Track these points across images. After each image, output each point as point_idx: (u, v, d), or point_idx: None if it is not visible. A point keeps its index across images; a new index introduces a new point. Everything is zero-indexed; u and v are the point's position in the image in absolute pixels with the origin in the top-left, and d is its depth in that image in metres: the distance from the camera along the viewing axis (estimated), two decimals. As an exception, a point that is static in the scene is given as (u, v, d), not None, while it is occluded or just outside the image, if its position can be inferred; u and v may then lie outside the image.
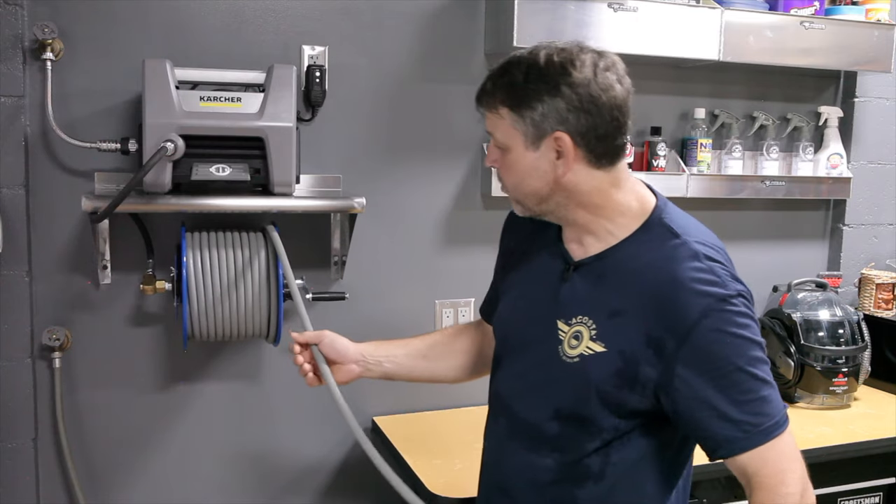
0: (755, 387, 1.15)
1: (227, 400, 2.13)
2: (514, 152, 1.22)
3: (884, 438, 2.12)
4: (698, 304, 1.15)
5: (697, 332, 1.14)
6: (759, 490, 1.14)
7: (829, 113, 2.60)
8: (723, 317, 1.15)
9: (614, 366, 1.20)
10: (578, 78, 1.16)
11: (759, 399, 1.15)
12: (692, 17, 2.23)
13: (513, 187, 1.27)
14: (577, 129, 1.18)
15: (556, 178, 1.21)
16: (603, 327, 1.22)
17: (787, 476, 1.14)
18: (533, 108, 1.18)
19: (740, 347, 1.15)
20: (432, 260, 2.27)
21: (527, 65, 1.19)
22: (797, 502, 1.14)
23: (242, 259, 1.87)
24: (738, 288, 1.19)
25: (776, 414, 1.16)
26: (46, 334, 1.95)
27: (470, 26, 2.21)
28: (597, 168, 1.22)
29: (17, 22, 1.85)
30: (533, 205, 1.27)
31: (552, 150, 1.20)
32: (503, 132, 1.23)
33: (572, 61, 1.17)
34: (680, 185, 2.37)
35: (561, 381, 1.26)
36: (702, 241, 1.23)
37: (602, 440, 1.24)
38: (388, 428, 2.15)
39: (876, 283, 2.66)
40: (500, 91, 1.21)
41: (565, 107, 1.16)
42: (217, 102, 1.80)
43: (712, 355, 1.15)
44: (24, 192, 1.90)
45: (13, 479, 1.96)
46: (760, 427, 1.15)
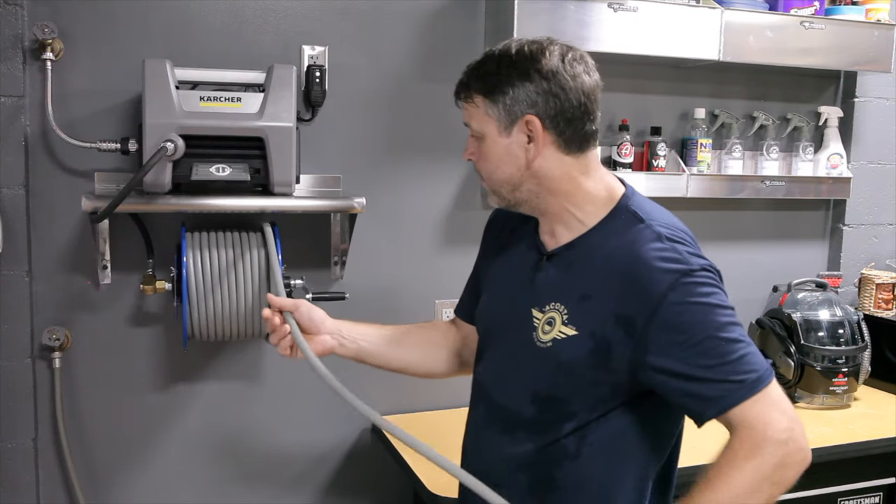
0: (730, 349, 1.17)
1: (227, 400, 2.13)
2: (488, 139, 1.28)
3: (884, 438, 2.12)
4: (663, 280, 1.18)
5: (664, 306, 1.17)
6: (741, 438, 1.15)
7: (829, 113, 2.60)
8: (687, 289, 1.17)
9: (586, 347, 1.23)
10: (547, 65, 1.23)
11: (736, 360, 1.17)
12: (692, 17, 2.23)
13: (488, 176, 1.32)
14: (546, 112, 1.24)
15: (528, 162, 1.26)
16: (574, 311, 1.25)
17: (773, 425, 1.14)
18: (505, 92, 1.24)
19: (708, 315, 1.18)
20: (432, 260, 2.27)
21: (499, 55, 1.27)
22: (777, 448, 1.13)
23: (242, 259, 1.87)
24: (700, 262, 1.21)
25: (758, 369, 1.17)
26: (46, 334, 1.95)
27: (470, 26, 2.21)
28: (566, 154, 1.27)
29: (17, 22, 1.85)
30: (507, 192, 1.31)
31: (523, 133, 1.25)
32: (478, 120, 1.28)
33: (542, 51, 1.24)
34: (680, 185, 2.37)
35: (536, 366, 1.29)
36: (665, 224, 1.26)
37: (578, 421, 1.27)
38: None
39: (876, 283, 2.66)
40: (474, 81, 1.28)
41: (534, 90, 1.23)
42: (217, 102, 1.80)
43: (682, 326, 1.17)
44: (24, 192, 1.90)
45: (13, 479, 1.96)
46: (745, 383, 1.16)
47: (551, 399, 1.29)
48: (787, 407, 1.18)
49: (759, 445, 1.14)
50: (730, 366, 1.16)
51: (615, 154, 2.35)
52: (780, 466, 1.13)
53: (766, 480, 1.13)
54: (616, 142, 2.35)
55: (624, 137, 2.34)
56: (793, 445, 1.14)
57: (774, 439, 1.14)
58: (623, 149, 2.34)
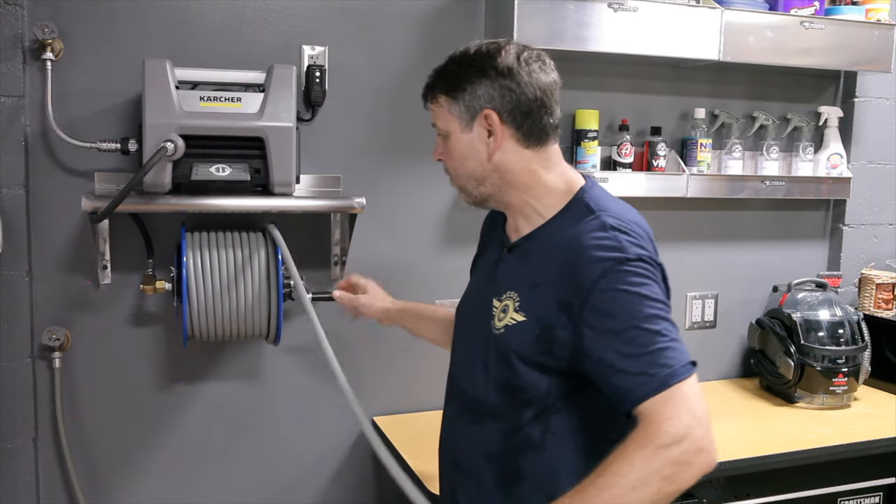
0: (651, 340, 1.18)
1: (227, 400, 2.13)
2: (452, 136, 1.35)
3: (884, 438, 2.13)
4: (597, 267, 1.21)
5: (595, 292, 1.20)
6: (639, 430, 1.14)
7: (829, 113, 2.60)
8: (618, 277, 1.20)
9: (533, 333, 1.28)
10: (503, 62, 1.30)
11: (655, 351, 1.17)
12: (692, 17, 2.23)
13: (454, 173, 1.39)
14: (503, 105, 1.30)
15: (489, 155, 1.32)
16: (525, 299, 1.30)
17: (673, 420, 1.13)
18: (464, 89, 1.31)
19: (635, 304, 1.19)
20: (432, 260, 2.27)
21: (459, 55, 1.35)
22: (672, 443, 1.11)
23: (242, 259, 1.87)
24: (638, 252, 1.23)
25: (673, 364, 1.16)
26: (46, 334, 1.95)
27: (470, 26, 2.21)
28: (525, 147, 1.33)
29: (17, 22, 1.85)
30: (473, 188, 1.38)
31: (484, 128, 1.32)
32: (442, 119, 1.36)
33: (499, 49, 1.31)
34: (680, 185, 2.37)
35: (493, 353, 1.35)
36: (615, 215, 1.29)
37: (537, 407, 1.30)
38: (388, 428, 2.15)
39: (876, 283, 2.66)
40: (438, 82, 1.36)
41: (491, 85, 1.30)
42: (217, 102, 1.80)
43: (609, 313, 1.20)
44: (24, 192, 1.90)
45: (13, 479, 1.96)
46: (657, 377, 1.15)
47: (508, 385, 1.33)
48: (696, 406, 1.15)
49: (652, 438, 1.12)
50: (647, 357, 1.17)
51: (615, 154, 2.35)
52: (674, 463, 1.11)
53: (655, 474, 1.11)
54: (616, 142, 2.35)
55: (624, 137, 2.34)
56: (689, 444, 1.11)
57: (670, 434, 1.11)
58: (623, 149, 2.34)
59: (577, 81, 2.36)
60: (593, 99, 2.37)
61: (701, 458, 1.12)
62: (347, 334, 2.21)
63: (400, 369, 2.27)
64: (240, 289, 1.86)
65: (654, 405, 1.15)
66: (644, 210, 2.58)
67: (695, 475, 1.12)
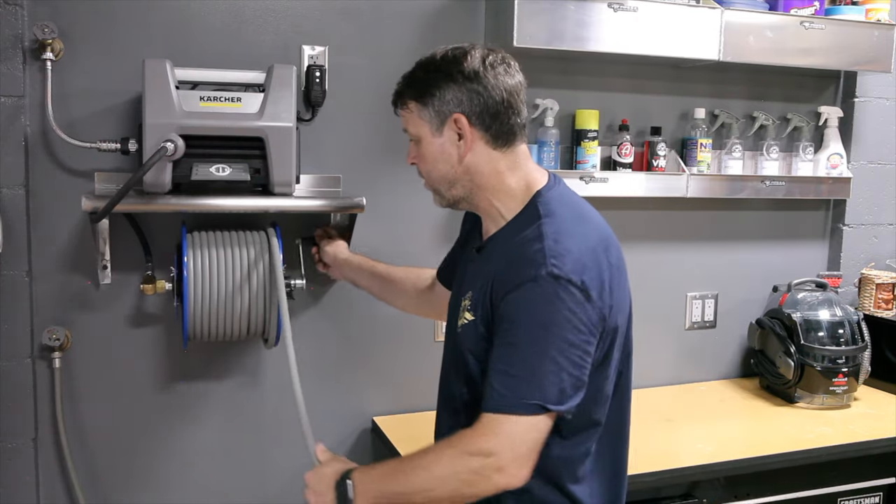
0: (522, 361, 1.23)
1: (228, 400, 2.13)
2: (424, 141, 1.40)
3: (884, 438, 2.13)
4: (515, 278, 1.26)
5: (506, 301, 1.26)
6: (461, 432, 1.26)
7: (829, 113, 2.60)
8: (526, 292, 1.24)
9: (478, 331, 1.34)
10: (469, 66, 1.33)
11: (519, 375, 1.22)
12: (692, 17, 2.23)
13: (427, 176, 1.43)
14: (472, 109, 1.34)
15: (460, 157, 1.36)
16: (474, 300, 1.36)
17: (488, 438, 1.22)
18: (433, 94, 1.35)
19: (526, 325, 1.23)
20: (432, 260, 2.26)
21: (426, 62, 1.39)
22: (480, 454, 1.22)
23: (242, 259, 1.87)
24: (556, 273, 1.23)
25: (524, 395, 1.21)
26: (46, 334, 1.95)
27: (470, 26, 2.21)
28: (494, 148, 1.36)
29: (17, 22, 1.85)
30: (445, 190, 1.42)
31: (454, 131, 1.36)
32: (413, 124, 1.40)
33: (464, 54, 1.35)
34: (680, 185, 2.37)
35: (457, 350, 1.41)
36: (556, 226, 1.30)
37: None
38: (388, 428, 2.15)
39: (876, 283, 2.66)
40: (406, 88, 1.40)
41: (459, 90, 1.34)
42: (217, 102, 1.80)
43: (506, 323, 1.25)
44: (24, 192, 1.90)
45: (13, 479, 1.96)
46: (501, 398, 1.23)
47: (470, 379, 1.38)
48: (517, 440, 1.22)
49: (466, 443, 1.24)
50: (507, 378, 1.23)
51: (615, 154, 2.35)
52: (474, 472, 1.22)
53: (455, 476, 1.24)
54: (616, 142, 2.35)
55: (624, 137, 2.34)
56: (493, 462, 1.21)
57: (481, 448, 1.22)
58: (623, 149, 2.34)
59: (577, 81, 2.36)
60: (593, 99, 2.37)
61: (498, 477, 1.22)
62: (348, 335, 2.21)
63: (400, 369, 2.27)
64: (240, 289, 1.86)
65: (486, 418, 1.24)
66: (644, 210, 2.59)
67: (489, 489, 1.23)
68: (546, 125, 2.27)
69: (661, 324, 2.55)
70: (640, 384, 2.46)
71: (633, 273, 1.51)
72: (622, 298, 1.35)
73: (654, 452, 1.98)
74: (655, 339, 2.53)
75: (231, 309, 1.86)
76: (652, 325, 2.51)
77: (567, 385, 1.22)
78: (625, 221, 2.39)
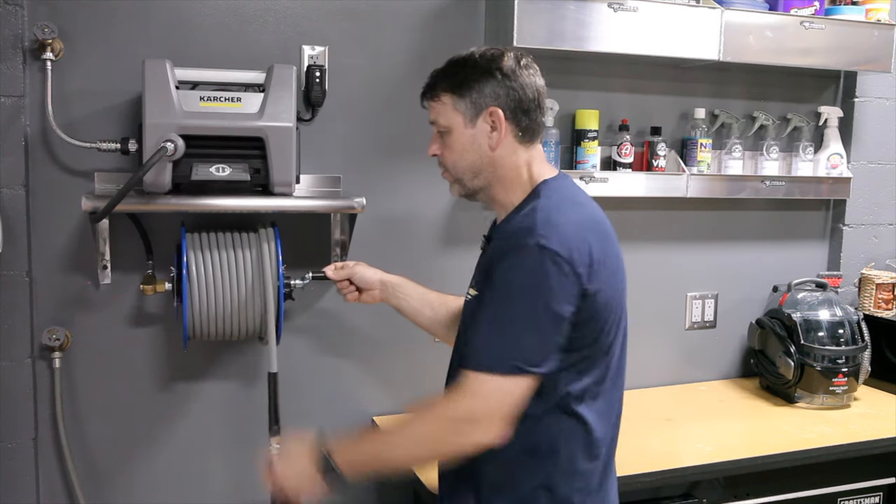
0: (506, 324, 1.29)
1: (227, 400, 2.13)
2: (454, 132, 1.44)
3: (884, 438, 2.13)
4: (506, 246, 1.32)
5: (494, 264, 1.32)
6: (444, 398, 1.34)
7: (829, 113, 2.60)
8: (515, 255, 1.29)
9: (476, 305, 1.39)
10: (506, 65, 1.42)
11: (502, 336, 1.29)
12: (692, 17, 2.23)
13: (453, 165, 1.47)
14: (508, 103, 1.41)
15: (490, 148, 1.42)
16: (478, 277, 1.44)
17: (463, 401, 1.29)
18: (471, 88, 1.41)
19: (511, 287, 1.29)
20: (432, 260, 2.27)
21: (463, 59, 1.45)
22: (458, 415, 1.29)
23: (242, 259, 1.87)
24: (541, 244, 1.28)
25: (505, 356, 1.28)
26: (46, 334, 1.95)
27: (470, 26, 2.21)
28: (520, 143, 1.44)
29: (17, 22, 1.85)
30: (468, 180, 1.46)
31: (487, 123, 1.42)
32: (445, 116, 1.44)
33: (501, 55, 1.43)
34: (680, 185, 2.37)
35: (461, 331, 1.49)
36: (553, 204, 1.37)
37: None
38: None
39: (876, 283, 2.66)
40: (441, 82, 1.45)
41: (497, 85, 1.41)
42: (217, 102, 1.80)
43: (491, 284, 1.31)
44: (24, 192, 1.90)
45: (13, 479, 1.96)
46: (478, 357, 1.29)
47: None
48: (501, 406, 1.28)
49: (448, 404, 1.31)
50: (492, 338, 1.29)
51: (615, 154, 2.35)
52: (455, 432, 1.29)
53: (436, 435, 1.32)
54: (616, 142, 2.35)
55: (624, 137, 2.34)
56: (475, 421, 1.28)
57: (465, 408, 1.28)
58: (623, 149, 2.34)
59: (577, 81, 2.36)
60: (593, 99, 2.37)
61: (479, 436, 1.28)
62: (348, 334, 2.21)
63: (400, 369, 2.26)
64: (240, 289, 1.86)
65: (468, 378, 1.29)
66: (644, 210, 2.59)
67: (469, 448, 1.30)
68: (546, 125, 2.27)
69: (661, 324, 2.55)
70: (640, 384, 2.48)
71: (633, 273, 1.51)
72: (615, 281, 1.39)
73: (654, 452, 1.98)
74: (655, 339, 2.53)
75: (231, 309, 1.86)
76: (652, 325, 2.51)
77: (549, 349, 1.30)
78: (625, 221, 2.39)
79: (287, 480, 1.42)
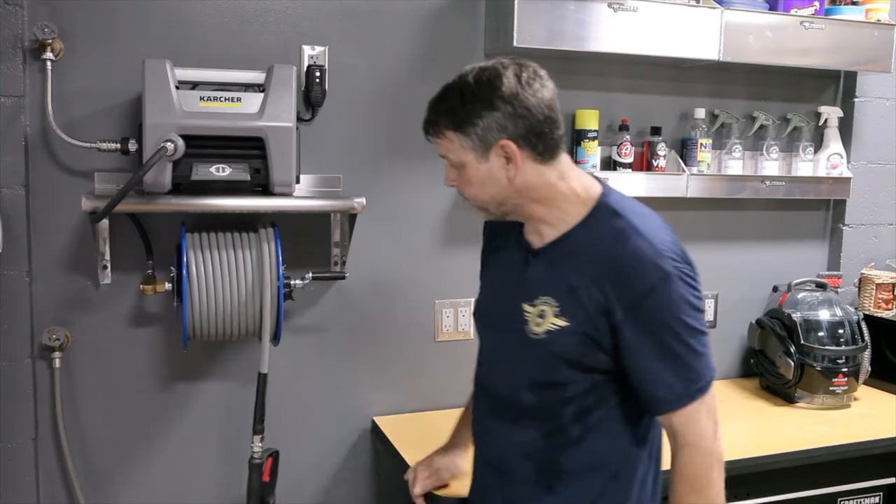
0: (688, 354, 1.31)
1: (227, 400, 2.13)
2: (468, 167, 1.36)
3: (884, 438, 2.12)
4: (643, 279, 1.29)
5: (642, 304, 1.29)
6: (685, 447, 1.33)
7: (829, 113, 2.60)
8: (665, 290, 1.29)
9: (576, 337, 1.34)
10: (507, 89, 1.30)
11: (691, 366, 1.31)
12: (692, 17, 2.23)
13: (473, 197, 1.40)
14: (517, 133, 1.31)
15: (510, 180, 1.34)
16: (564, 304, 1.35)
17: (704, 431, 1.32)
18: (475, 124, 1.31)
19: (677, 317, 1.30)
20: (432, 260, 2.27)
21: (459, 88, 1.33)
22: (710, 452, 1.33)
23: (243, 259, 1.87)
24: (675, 264, 1.31)
25: (700, 379, 1.32)
26: (46, 334, 1.95)
27: (470, 26, 2.21)
28: (542, 164, 1.35)
29: (17, 22, 1.85)
30: (494, 208, 1.41)
31: (501, 157, 1.33)
32: (454, 152, 1.36)
33: (498, 76, 1.31)
34: (680, 185, 2.37)
35: (531, 356, 1.39)
36: (643, 219, 1.36)
37: (577, 406, 1.37)
38: (388, 428, 2.15)
39: (876, 283, 2.66)
40: (441, 118, 1.35)
41: (502, 116, 1.30)
42: (217, 102, 1.80)
43: (654, 323, 1.29)
44: (24, 192, 1.90)
45: (13, 479, 1.96)
46: (689, 390, 1.31)
47: (550, 385, 1.38)
48: (714, 412, 1.34)
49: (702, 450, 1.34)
50: (682, 370, 1.31)
51: (615, 154, 2.35)
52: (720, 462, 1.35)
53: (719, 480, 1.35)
54: (616, 142, 2.35)
55: (624, 137, 2.34)
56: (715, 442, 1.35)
57: (711, 442, 1.34)
58: (623, 149, 2.34)
59: (577, 81, 2.36)
60: (593, 99, 2.37)
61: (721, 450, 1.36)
62: (348, 335, 2.21)
63: (400, 369, 2.27)
64: (240, 289, 1.86)
65: (683, 417, 1.31)
66: (644, 210, 2.52)
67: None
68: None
69: (661, 324, 2.55)
70: (640, 384, 2.48)
71: (633, 273, 1.50)
72: None
73: (654, 452, 1.98)
74: (655, 339, 2.53)
75: (231, 309, 1.86)
76: (652, 325, 2.51)
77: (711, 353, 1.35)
78: (625, 221, 2.39)
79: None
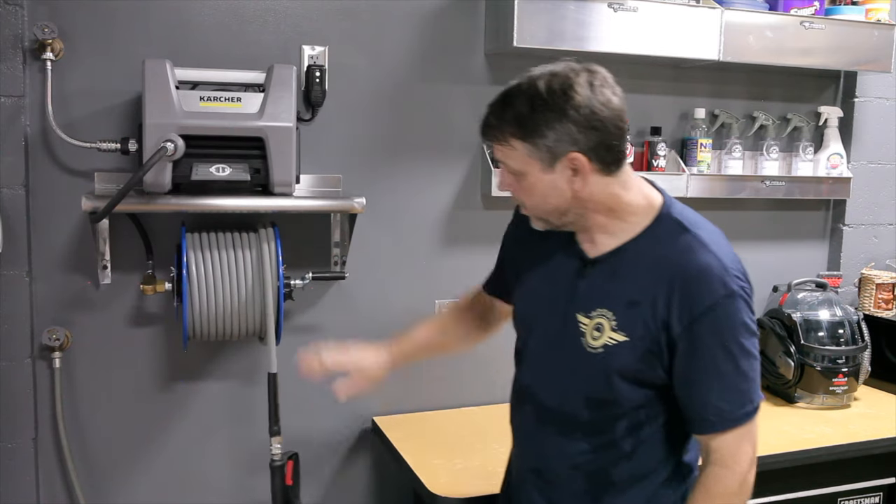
0: (739, 377, 1.29)
1: (227, 400, 2.13)
2: (531, 177, 1.30)
3: (884, 438, 2.12)
4: (709, 293, 1.26)
5: (702, 320, 1.26)
6: (719, 466, 1.31)
7: (829, 113, 2.60)
8: (727, 309, 1.26)
9: (636, 353, 1.31)
10: (581, 100, 1.24)
11: (741, 390, 1.29)
12: (692, 17, 2.23)
13: (534, 207, 1.36)
14: (588, 146, 1.26)
15: (575, 192, 1.30)
16: (623, 318, 1.31)
17: (741, 456, 1.30)
18: (545, 135, 1.25)
19: (733, 341, 1.27)
20: (432, 260, 2.27)
21: (529, 95, 1.26)
22: (742, 479, 1.31)
23: (242, 259, 1.87)
24: (741, 284, 1.29)
25: (749, 403, 1.30)
26: (46, 334, 1.95)
27: (470, 26, 2.21)
28: (607, 175, 1.30)
29: (17, 22, 1.85)
30: (555, 219, 1.36)
31: (567, 169, 1.27)
32: (517, 161, 1.30)
33: (571, 85, 1.25)
34: (680, 185, 2.36)
35: (587, 370, 1.35)
36: (709, 234, 1.33)
37: (630, 420, 1.35)
38: (388, 428, 2.15)
39: (876, 283, 2.66)
40: (507, 125, 1.28)
41: (575, 129, 1.24)
42: (217, 102, 1.80)
43: (710, 342, 1.27)
44: (24, 192, 1.90)
45: (13, 479, 1.96)
46: (735, 414, 1.29)
47: (604, 402, 1.35)
48: (754, 437, 1.32)
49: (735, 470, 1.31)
50: (732, 393, 1.28)
51: (615, 154, 2.35)
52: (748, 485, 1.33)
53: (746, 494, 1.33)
54: (616, 142, 2.35)
55: (624, 137, 2.34)
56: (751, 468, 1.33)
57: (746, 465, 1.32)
58: (623, 149, 2.34)
59: (577, 81, 2.36)
60: (593, 99, 2.37)
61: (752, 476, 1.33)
62: (347, 335, 2.21)
63: (400, 369, 2.26)
64: (240, 289, 1.86)
65: (723, 438, 1.29)
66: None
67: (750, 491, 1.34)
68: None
69: (661, 324, 2.55)
70: (640, 384, 2.48)
71: (633, 273, 1.50)
72: None
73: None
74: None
75: (231, 309, 1.86)
76: (652, 325, 2.51)
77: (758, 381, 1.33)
78: (625, 221, 2.39)
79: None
